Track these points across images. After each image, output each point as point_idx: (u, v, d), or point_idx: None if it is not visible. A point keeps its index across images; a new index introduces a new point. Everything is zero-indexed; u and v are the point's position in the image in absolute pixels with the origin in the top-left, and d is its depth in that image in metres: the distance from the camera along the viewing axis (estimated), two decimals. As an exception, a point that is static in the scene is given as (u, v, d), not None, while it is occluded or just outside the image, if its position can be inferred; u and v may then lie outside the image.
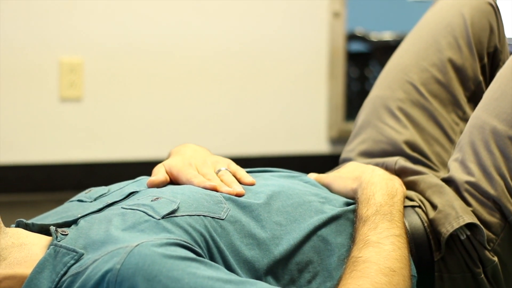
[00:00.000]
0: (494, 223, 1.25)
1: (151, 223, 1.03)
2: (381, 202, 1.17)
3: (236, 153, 3.07)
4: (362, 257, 1.06)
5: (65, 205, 1.20)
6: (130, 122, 3.09)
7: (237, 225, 1.09)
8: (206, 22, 3.17)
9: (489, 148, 1.28)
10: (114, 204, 1.14)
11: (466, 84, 1.51)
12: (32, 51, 2.92)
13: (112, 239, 1.00)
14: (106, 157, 3.06)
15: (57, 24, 2.95)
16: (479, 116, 1.33)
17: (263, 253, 1.07)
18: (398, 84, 1.51)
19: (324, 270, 1.11)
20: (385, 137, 1.48)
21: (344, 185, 1.27)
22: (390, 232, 1.11)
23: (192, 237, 1.02)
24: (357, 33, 4.44)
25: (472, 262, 1.23)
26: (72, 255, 1.01)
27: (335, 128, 3.37)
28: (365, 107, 1.56)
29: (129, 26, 3.05)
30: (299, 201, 1.17)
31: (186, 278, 0.93)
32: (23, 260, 1.04)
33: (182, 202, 1.08)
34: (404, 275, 1.06)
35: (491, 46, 1.53)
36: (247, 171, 1.28)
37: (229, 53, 3.22)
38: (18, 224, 1.13)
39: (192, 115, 3.17)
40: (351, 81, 4.43)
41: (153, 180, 1.19)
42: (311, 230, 1.13)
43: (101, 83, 3.04)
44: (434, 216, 1.25)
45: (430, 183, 1.32)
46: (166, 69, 3.12)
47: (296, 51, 3.32)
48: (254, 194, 1.17)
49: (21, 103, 2.92)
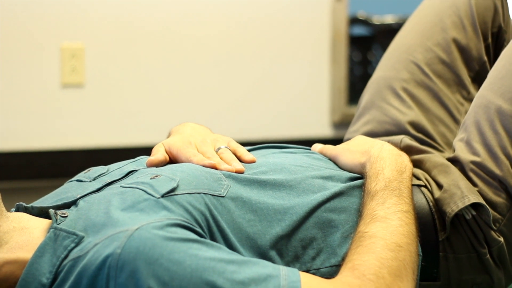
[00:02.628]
0: (500, 203, 1.24)
1: (150, 201, 1.02)
2: (390, 178, 1.16)
3: (240, 138, 3.05)
4: (369, 232, 1.05)
5: (64, 186, 1.19)
6: (132, 108, 3.08)
7: (238, 201, 1.08)
8: (207, 5, 3.16)
9: (495, 128, 1.27)
10: (113, 183, 1.13)
11: (470, 64, 1.50)
12: (33, 37, 2.91)
13: (112, 221, 0.99)
14: (108, 142, 3.05)
15: (57, 9, 2.94)
16: (484, 96, 1.32)
17: (265, 229, 1.07)
18: (402, 64, 1.50)
19: (328, 247, 1.10)
20: (389, 117, 1.47)
21: (352, 158, 1.26)
22: (398, 207, 1.10)
23: (192, 216, 1.01)
24: (359, 16, 4.43)
25: (478, 242, 1.23)
26: (72, 238, 1.00)
27: (338, 113, 3.36)
28: (369, 88, 1.55)
29: (130, 11, 3.04)
30: (302, 177, 1.16)
31: (187, 260, 0.92)
32: (25, 244, 1.03)
33: (182, 180, 1.07)
34: (411, 251, 1.05)
35: (495, 26, 1.52)
36: (247, 149, 1.27)
37: (231, 37, 3.21)
38: (17, 208, 1.13)
39: (195, 99, 3.16)
40: (354, 65, 4.42)
41: (152, 160, 1.18)
42: (314, 206, 1.12)
43: (103, 68, 3.03)
44: (440, 196, 1.24)
45: (435, 162, 1.31)
46: (168, 54, 3.11)
47: (298, 35, 3.31)
48: (256, 171, 1.16)
49: (23, 90, 2.91)
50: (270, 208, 1.09)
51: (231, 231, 1.04)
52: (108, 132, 3.05)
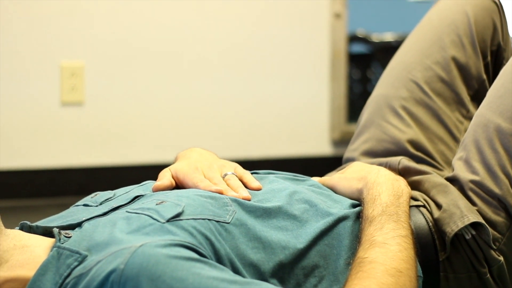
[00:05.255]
0: (500, 222, 1.24)
1: (155, 226, 1.02)
2: (387, 203, 1.16)
3: (239, 156, 3.06)
4: (368, 258, 1.05)
5: (70, 209, 1.20)
6: (132, 126, 3.08)
7: (242, 228, 1.08)
8: (207, 24, 3.16)
9: (494, 147, 1.27)
10: (119, 208, 1.13)
11: (469, 82, 1.50)
12: (32, 55, 2.92)
13: (116, 240, 1.00)
14: (108, 161, 3.05)
15: (57, 28, 2.94)
16: (483, 114, 1.32)
17: (268, 256, 1.07)
18: (402, 82, 1.51)
19: (330, 274, 1.10)
20: (388, 136, 1.47)
21: (349, 186, 1.26)
22: (396, 232, 1.10)
23: (197, 239, 1.01)
24: (358, 34, 4.44)
25: (478, 261, 1.22)
26: (76, 257, 1.00)
27: (337, 130, 3.36)
28: (368, 106, 1.55)
29: (130, 30, 3.05)
30: (305, 207, 1.16)
31: (190, 278, 0.92)
32: (25, 262, 1.03)
33: (187, 206, 1.07)
34: (411, 276, 1.05)
35: (494, 44, 1.53)
36: (251, 173, 1.27)
37: (230, 55, 3.21)
38: (22, 227, 1.12)
39: (194, 118, 3.16)
40: (353, 82, 4.43)
41: (159, 185, 1.19)
42: (318, 234, 1.12)
43: (103, 87, 3.03)
44: (439, 216, 1.24)
45: (434, 182, 1.31)
46: (168, 72, 3.12)
47: (298, 53, 3.31)
48: (261, 199, 1.16)
49: (22, 108, 2.91)
50: (274, 236, 1.09)
51: (235, 256, 1.04)
52: (107, 151, 3.05)
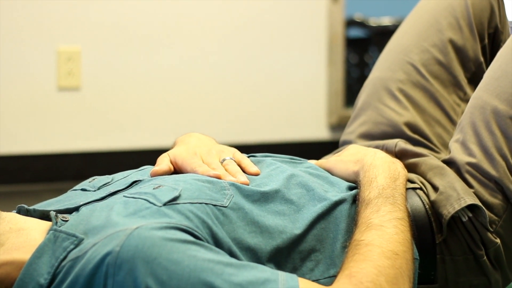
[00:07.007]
0: (496, 205, 1.24)
1: (152, 209, 1.02)
2: (384, 185, 1.16)
3: (236, 141, 3.06)
4: (365, 240, 1.05)
5: (68, 194, 1.20)
6: (128, 111, 3.08)
7: (240, 212, 1.08)
8: (205, 10, 3.15)
9: (490, 129, 1.27)
10: (117, 193, 1.13)
11: (466, 65, 1.50)
12: (29, 40, 2.91)
13: (112, 223, 1.00)
14: (105, 146, 3.05)
15: (54, 12, 2.93)
16: (480, 97, 1.31)
17: (266, 241, 1.06)
18: (399, 65, 1.50)
19: (327, 258, 1.10)
20: (385, 118, 1.47)
21: (345, 168, 1.26)
22: (392, 215, 1.10)
23: (193, 223, 1.01)
24: (356, 18, 4.43)
25: (474, 244, 1.23)
26: (72, 240, 1.00)
27: (335, 115, 3.36)
28: (365, 89, 1.55)
29: (127, 15, 3.04)
30: (302, 191, 1.16)
31: (186, 260, 0.92)
32: (21, 246, 1.03)
33: (184, 190, 1.07)
34: (407, 259, 1.05)
35: (491, 27, 1.52)
36: (248, 156, 1.27)
37: (228, 41, 3.21)
38: (19, 210, 1.12)
39: (191, 103, 3.16)
40: (351, 67, 4.42)
41: (157, 170, 1.18)
42: (314, 218, 1.12)
43: (99, 72, 3.02)
44: (436, 198, 1.24)
45: (431, 165, 1.30)
46: (165, 57, 3.11)
47: (295, 38, 3.31)
48: (259, 183, 1.16)
49: (19, 93, 2.91)
50: (271, 221, 1.09)
51: (232, 240, 1.04)
52: (104, 136, 3.05)
